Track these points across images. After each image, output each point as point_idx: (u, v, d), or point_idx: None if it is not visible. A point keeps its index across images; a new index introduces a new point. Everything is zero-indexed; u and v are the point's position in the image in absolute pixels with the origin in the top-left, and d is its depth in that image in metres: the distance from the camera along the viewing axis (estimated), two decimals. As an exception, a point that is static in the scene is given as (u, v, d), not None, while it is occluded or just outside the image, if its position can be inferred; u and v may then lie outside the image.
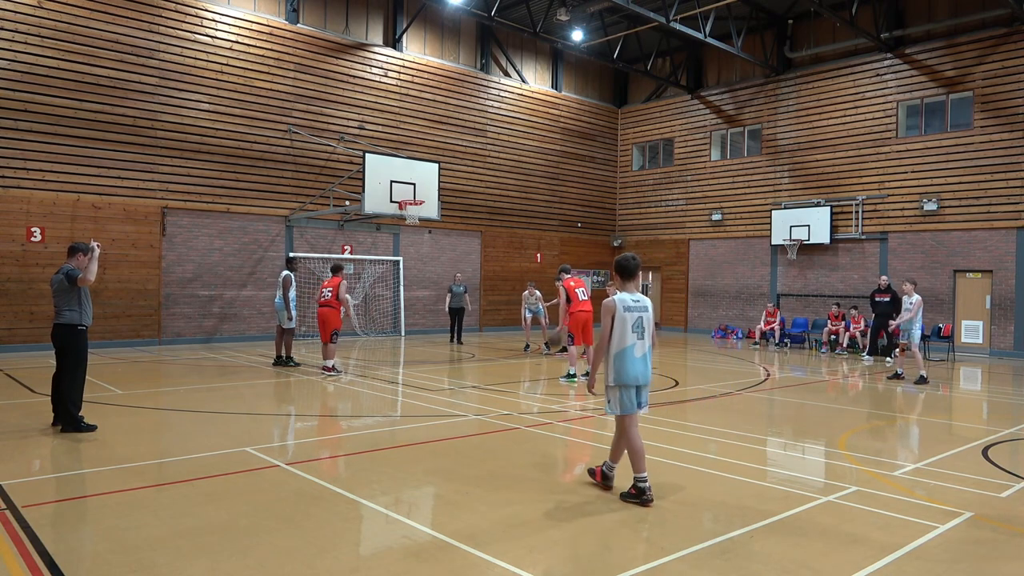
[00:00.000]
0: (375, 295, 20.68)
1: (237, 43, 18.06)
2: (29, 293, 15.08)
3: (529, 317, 17.27)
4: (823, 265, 21.49)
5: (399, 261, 21.12)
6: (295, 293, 13.62)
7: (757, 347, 19.89)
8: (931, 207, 19.02)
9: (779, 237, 21.91)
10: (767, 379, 13.29)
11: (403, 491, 5.69)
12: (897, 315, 13.82)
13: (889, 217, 20.01)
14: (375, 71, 20.63)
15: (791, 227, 21.60)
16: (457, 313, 19.06)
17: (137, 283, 16.55)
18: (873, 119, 20.38)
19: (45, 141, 15.40)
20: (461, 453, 6.99)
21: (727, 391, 11.43)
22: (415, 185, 17.68)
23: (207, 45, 17.58)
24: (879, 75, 20.33)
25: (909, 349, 12.84)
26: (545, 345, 17.11)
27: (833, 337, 18.86)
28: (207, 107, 17.57)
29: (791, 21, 22.16)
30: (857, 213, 20.59)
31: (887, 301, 15.92)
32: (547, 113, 24.97)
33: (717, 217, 24.02)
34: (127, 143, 16.44)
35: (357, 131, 20.09)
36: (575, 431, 8.30)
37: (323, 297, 12.49)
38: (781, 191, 22.51)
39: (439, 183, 18.45)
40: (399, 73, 21.13)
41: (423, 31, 21.93)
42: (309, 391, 11.02)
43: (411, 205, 17.42)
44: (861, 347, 18.08)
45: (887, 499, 5.58)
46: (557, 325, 14.75)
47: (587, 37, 22.36)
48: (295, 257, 15.98)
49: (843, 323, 18.77)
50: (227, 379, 11.88)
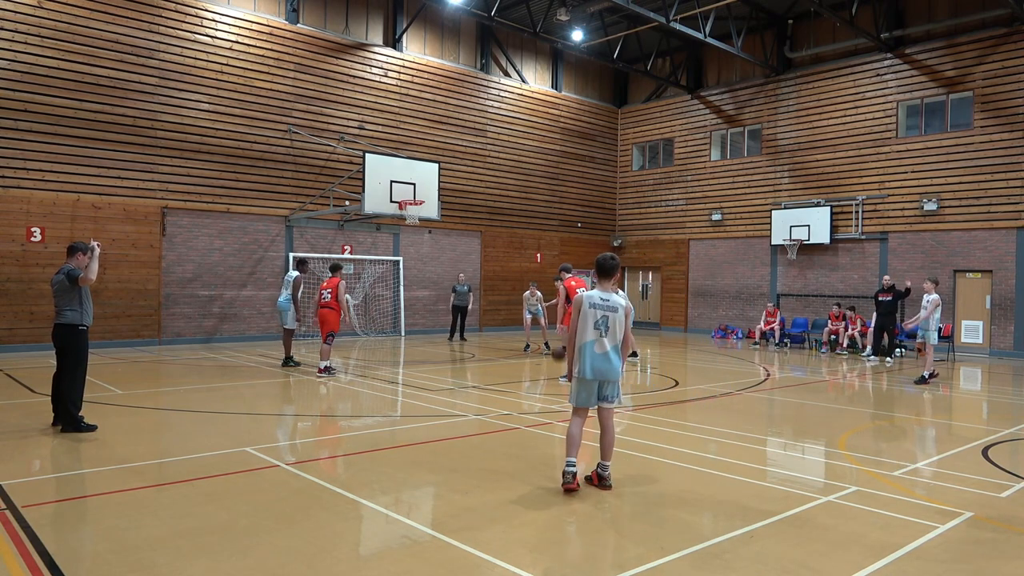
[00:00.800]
0: (375, 295, 20.69)
1: (237, 43, 18.06)
2: (29, 293, 15.08)
3: (529, 318, 17.32)
4: (823, 265, 21.49)
5: (399, 261, 21.13)
6: (302, 294, 13.66)
7: (757, 347, 19.89)
8: (931, 207, 19.02)
9: (779, 237, 21.91)
10: (767, 379, 13.29)
11: (403, 491, 5.69)
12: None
13: (889, 217, 20.01)
14: (375, 71, 20.63)
15: (791, 227, 21.60)
16: (460, 311, 19.65)
17: (137, 283, 16.55)
18: (873, 119, 20.38)
19: (45, 141, 15.39)
20: (461, 453, 6.99)
21: (727, 391, 11.43)
22: (415, 185, 17.68)
23: (207, 45, 17.58)
24: (879, 75, 20.33)
25: (922, 349, 12.90)
26: (545, 345, 17.13)
27: (833, 337, 18.85)
28: (207, 107, 17.57)
29: (791, 21, 22.15)
30: (857, 213, 20.59)
31: (889, 300, 15.93)
32: (547, 113, 24.97)
33: (717, 217, 24.02)
34: (127, 143, 16.44)
35: (357, 131, 20.09)
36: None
37: (323, 298, 12.50)
38: (781, 191, 22.51)
39: (439, 183, 18.45)
40: (399, 73, 21.13)
41: (423, 31, 21.92)
42: (309, 391, 11.02)
43: (411, 205, 17.43)
44: (861, 347, 18.09)
45: (887, 499, 5.58)
46: (555, 325, 14.74)
47: (587, 37, 22.36)
48: (306, 258, 15.52)
49: (843, 323, 18.78)
50: (227, 379, 11.88)
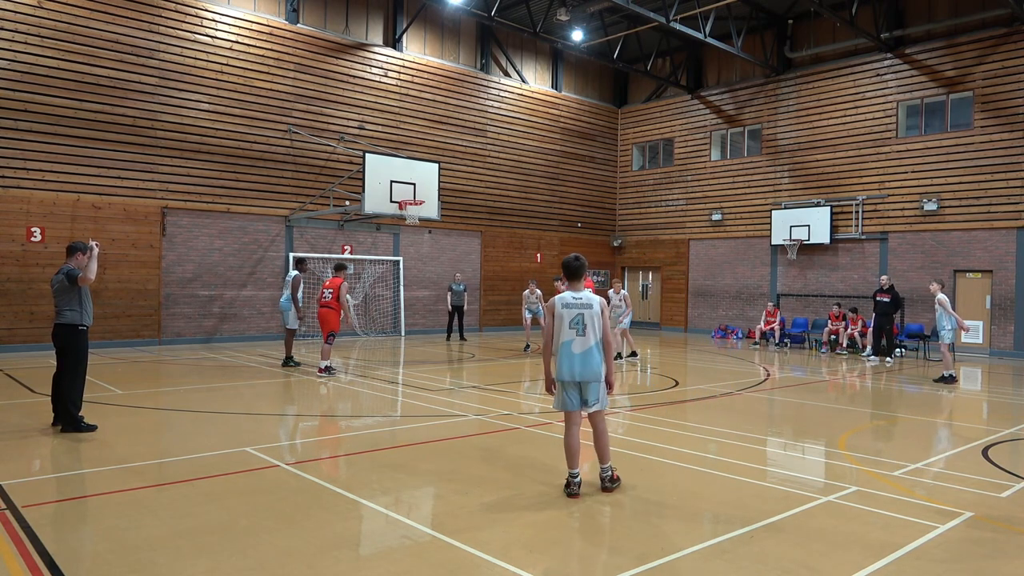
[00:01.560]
0: (375, 295, 20.69)
1: (237, 43, 18.06)
2: (29, 293, 15.08)
3: (529, 317, 17.30)
4: (823, 265, 21.49)
5: (399, 261, 21.13)
6: (302, 293, 13.67)
7: (757, 347, 19.88)
8: (931, 207, 19.02)
9: (779, 237, 21.90)
10: (767, 379, 13.29)
11: (403, 491, 5.69)
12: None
13: (889, 217, 20.01)
14: (375, 71, 20.63)
15: (791, 227, 21.60)
16: (457, 310, 19.67)
17: (137, 283, 16.55)
18: (873, 119, 20.38)
19: (45, 141, 15.39)
20: (461, 453, 6.99)
21: (727, 391, 11.43)
22: (415, 185, 17.68)
23: (207, 45, 17.58)
24: (879, 75, 20.33)
25: (939, 349, 12.96)
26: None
27: (833, 337, 18.85)
28: (207, 107, 17.57)
29: (791, 21, 22.15)
30: (857, 213, 20.58)
31: (887, 301, 15.92)
32: (547, 113, 24.97)
33: (717, 217, 24.02)
34: (127, 143, 16.44)
35: (357, 131, 20.09)
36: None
37: (324, 298, 12.50)
38: (781, 191, 22.51)
39: (439, 183, 18.44)
40: (399, 73, 21.13)
41: (423, 31, 21.92)
42: (309, 391, 11.02)
43: (411, 205, 17.43)
44: (861, 347, 18.09)
45: (887, 499, 5.58)
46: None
47: (587, 37, 22.35)
48: (306, 258, 15.69)
49: (843, 323, 18.77)
50: (227, 379, 11.88)
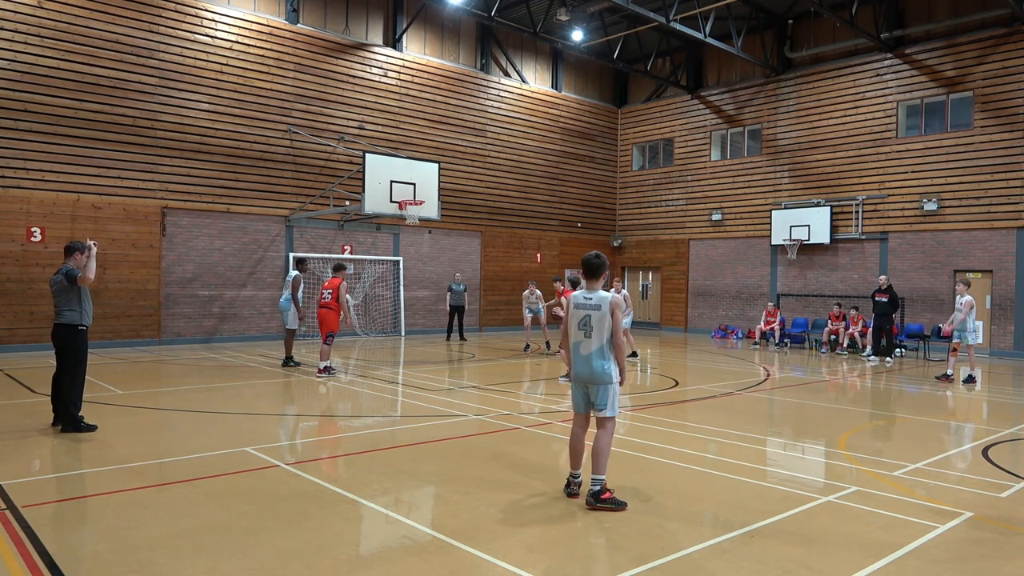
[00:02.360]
0: (375, 295, 20.68)
1: (237, 43, 18.05)
2: (29, 293, 15.08)
3: (529, 317, 17.30)
4: (823, 265, 21.49)
5: (399, 261, 21.12)
6: (302, 293, 13.68)
7: (757, 347, 19.88)
8: (931, 207, 19.02)
9: (779, 237, 21.90)
10: (767, 379, 13.29)
11: (403, 491, 5.69)
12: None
13: (889, 217, 20.00)
14: (375, 71, 20.63)
15: (791, 227, 21.59)
16: (457, 310, 19.72)
17: (137, 283, 16.55)
18: (873, 119, 20.38)
19: (45, 141, 15.39)
20: (461, 453, 6.99)
21: (727, 391, 11.43)
22: (415, 185, 17.68)
23: (207, 45, 17.57)
24: (879, 75, 20.32)
25: (956, 350, 12.96)
26: (546, 344, 17.13)
27: (833, 337, 18.85)
28: (207, 107, 17.56)
29: (791, 21, 22.15)
30: (857, 213, 20.58)
31: (886, 301, 15.91)
32: (547, 113, 24.96)
33: (717, 217, 24.02)
34: (127, 143, 16.43)
35: (357, 131, 20.09)
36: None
37: (323, 298, 12.49)
38: (781, 191, 22.51)
39: (439, 183, 18.44)
40: (399, 73, 21.12)
41: (423, 31, 21.92)
42: (309, 391, 11.02)
43: (411, 205, 17.42)
44: (861, 347, 18.08)
45: (887, 499, 5.58)
46: (558, 326, 14.73)
47: (587, 37, 22.35)
48: (306, 258, 15.66)
49: (843, 323, 18.77)
50: (227, 379, 11.88)
